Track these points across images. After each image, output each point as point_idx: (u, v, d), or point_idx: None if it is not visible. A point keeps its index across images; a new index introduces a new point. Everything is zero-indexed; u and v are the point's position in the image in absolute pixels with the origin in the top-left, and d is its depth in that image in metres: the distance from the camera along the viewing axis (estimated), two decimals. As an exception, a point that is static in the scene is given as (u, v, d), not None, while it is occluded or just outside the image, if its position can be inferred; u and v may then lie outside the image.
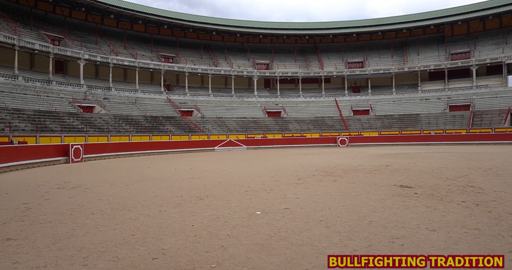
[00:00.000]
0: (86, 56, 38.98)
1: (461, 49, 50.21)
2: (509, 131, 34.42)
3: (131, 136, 30.53)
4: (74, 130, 27.89)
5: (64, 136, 25.41)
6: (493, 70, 46.29)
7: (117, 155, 24.15)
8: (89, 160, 21.22)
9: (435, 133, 38.09)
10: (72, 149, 19.69)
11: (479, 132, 35.73)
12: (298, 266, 3.79)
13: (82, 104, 34.28)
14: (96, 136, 28.01)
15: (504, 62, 44.26)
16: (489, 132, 35.37)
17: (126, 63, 42.77)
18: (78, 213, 6.54)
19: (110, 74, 41.34)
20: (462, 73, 48.18)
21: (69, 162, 19.38)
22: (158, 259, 4.05)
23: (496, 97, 43.43)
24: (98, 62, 40.57)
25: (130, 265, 3.88)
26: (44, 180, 11.82)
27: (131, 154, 25.47)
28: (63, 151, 19.48)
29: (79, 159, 20.09)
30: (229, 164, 17.26)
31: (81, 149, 20.33)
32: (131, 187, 9.75)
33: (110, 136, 28.92)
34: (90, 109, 34.66)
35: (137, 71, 43.67)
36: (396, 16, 56.01)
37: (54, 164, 18.42)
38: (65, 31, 40.98)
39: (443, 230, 4.98)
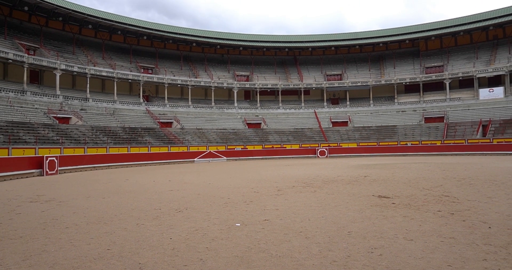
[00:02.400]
0: (63, 66, 38.23)
1: (435, 63, 51.99)
2: (481, 142, 35.59)
3: (109, 147, 29.92)
4: (49, 142, 27.13)
5: (39, 148, 24.67)
6: (465, 83, 48.07)
7: (94, 167, 23.59)
8: (65, 172, 20.62)
9: (411, 144, 38.99)
10: (47, 161, 19.10)
11: (453, 143, 36.80)
12: (278, 278, 3.76)
13: (58, 115, 33.45)
14: (72, 148, 27.32)
15: (475, 76, 46.03)
16: (463, 143, 36.47)
17: (104, 74, 42.16)
18: (52, 228, 6.31)
19: (88, 84, 40.62)
20: (436, 86, 49.81)
21: (43, 175, 18.77)
22: (134, 274, 3.94)
23: (469, 109, 44.99)
24: (75, 73, 39.85)
25: (105, 281, 3.76)
26: (16, 193, 11.39)
27: (109, 166, 24.93)
28: (37, 163, 18.86)
29: (54, 172, 19.50)
30: (209, 175, 17.11)
31: (56, 161, 19.75)
32: (108, 200, 9.51)
33: (87, 147, 28.26)
34: (66, 120, 33.85)
35: (115, 82, 43.08)
36: (373, 31, 57.66)
37: (27, 177, 17.81)
38: (41, 40, 40.18)
39: (420, 240, 5.06)
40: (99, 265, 4.26)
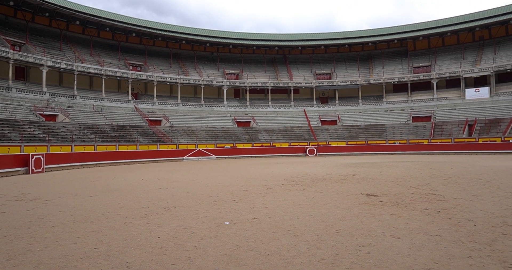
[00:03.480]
0: (50, 63, 37.60)
1: (423, 63, 52.62)
2: (467, 141, 36.18)
3: (97, 145, 29.58)
4: (35, 139, 26.69)
5: (24, 145, 24.26)
6: (452, 83, 48.76)
7: (82, 165, 23.29)
8: (51, 170, 20.31)
9: (399, 143, 39.41)
10: (33, 159, 18.79)
11: (440, 142, 37.32)
12: (266, 276, 3.76)
13: (44, 112, 32.92)
14: (59, 146, 26.92)
15: (462, 76, 46.72)
16: (449, 142, 37.01)
17: (92, 71, 41.61)
18: (37, 227, 6.21)
19: (75, 81, 40.04)
20: (424, 86, 50.41)
21: (29, 173, 18.46)
22: (121, 273, 3.90)
23: (455, 109, 45.67)
24: (62, 69, 39.24)
25: (92, 280, 3.71)
26: (0, 192, 11.18)
27: (97, 164, 24.64)
28: (23, 161, 18.54)
29: (40, 170, 19.20)
30: (198, 174, 17.05)
31: (42, 159, 19.44)
32: (95, 199, 9.40)
33: (74, 145, 27.89)
34: (53, 117, 33.34)
35: (103, 79, 42.57)
36: (362, 30, 58.03)
37: (12, 175, 17.49)
38: (27, 36, 39.46)
39: (407, 237, 5.11)
40: (85, 264, 4.20)
